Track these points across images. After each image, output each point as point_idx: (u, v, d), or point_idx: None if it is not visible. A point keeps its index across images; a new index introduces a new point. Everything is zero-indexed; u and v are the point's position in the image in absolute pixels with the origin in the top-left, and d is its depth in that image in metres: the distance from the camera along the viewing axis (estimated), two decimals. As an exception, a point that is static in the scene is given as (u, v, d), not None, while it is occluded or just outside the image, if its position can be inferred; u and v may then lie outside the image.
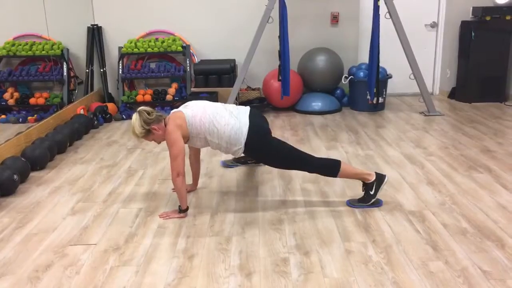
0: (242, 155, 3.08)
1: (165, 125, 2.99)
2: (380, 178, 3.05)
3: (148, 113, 2.95)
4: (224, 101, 5.43)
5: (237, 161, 3.89)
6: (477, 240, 2.60)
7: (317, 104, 5.80)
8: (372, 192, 3.04)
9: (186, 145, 3.06)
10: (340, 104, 6.00)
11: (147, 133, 2.98)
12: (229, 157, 3.89)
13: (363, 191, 3.09)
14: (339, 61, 5.97)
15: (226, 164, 3.89)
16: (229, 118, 2.96)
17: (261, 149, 3.01)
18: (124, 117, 5.79)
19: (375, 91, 5.45)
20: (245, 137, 2.93)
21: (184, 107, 3.05)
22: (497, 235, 2.65)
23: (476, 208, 3.00)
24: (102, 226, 2.92)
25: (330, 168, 3.03)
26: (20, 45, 6.08)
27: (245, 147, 2.95)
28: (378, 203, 3.07)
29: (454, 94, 6.32)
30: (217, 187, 3.53)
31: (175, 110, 3.06)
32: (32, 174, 3.87)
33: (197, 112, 2.97)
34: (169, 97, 6.13)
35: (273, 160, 3.07)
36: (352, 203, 3.10)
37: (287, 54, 5.21)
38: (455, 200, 3.13)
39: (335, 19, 6.22)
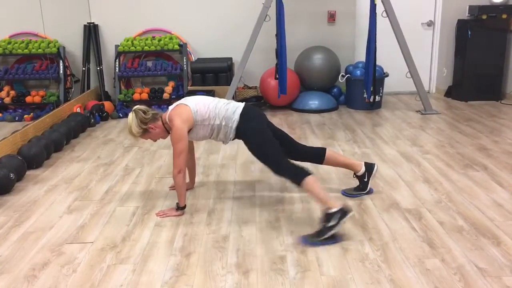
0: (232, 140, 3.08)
1: (163, 123, 2.99)
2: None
3: (144, 112, 2.94)
4: (221, 99, 5.43)
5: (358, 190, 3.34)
6: (473, 238, 2.61)
7: (314, 102, 5.81)
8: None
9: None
10: (337, 103, 6.00)
11: (144, 132, 2.98)
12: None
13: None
14: (336, 60, 5.98)
15: (347, 194, 3.29)
16: (228, 102, 3.05)
17: (254, 124, 2.98)
18: (121, 115, 5.78)
19: (371, 89, 5.46)
20: (241, 110, 2.97)
21: (185, 100, 3.03)
22: (493, 233, 2.66)
23: (472, 206, 3.01)
24: (99, 224, 2.92)
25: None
26: (16, 43, 6.06)
27: (239, 119, 2.93)
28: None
29: (450, 93, 6.34)
30: (214, 185, 3.53)
31: (175, 104, 3.03)
32: (29, 172, 3.86)
33: (198, 100, 3.01)
34: (166, 96, 6.12)
35: (261, 141, 2.94)
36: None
37: (284, 53, 5.22)
38: (451, 198, 3.14)
39: (332, 17, 6.23)
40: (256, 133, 2.96)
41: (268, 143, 2.92)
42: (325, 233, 2.57)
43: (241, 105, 3.03)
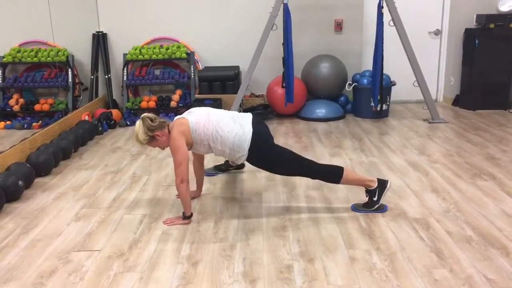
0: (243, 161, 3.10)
1: (169, 132, 3.01)
2: (382, 184, 3.07)
3: (151, 120, 2.96)
4: (228, 108, 5.44)
5: (218, 169, 3.95)
6: (481, 248, 2.59)
7: (321, 111, 5.81)
8: (375, 198, 3.06)
9: (190, 152, 3.08)
10: (344, 111, 6.00)
11: (151, 140, 3.00)
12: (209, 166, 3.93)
13: (366, 197, 3.10)
14: (343, 68, 5.99)
15: (207, 173, 3.83)
16: (232, 125, 2.97)
17: (264, 156, 3.02)
18: (129, 123, 5.81)
19: (379, 98, 5.45)
20: (249, 143, 2.94)
21: (188, 114, 3.06)
22: (502, 243, 2.64)
23: (481, 216, 2.99)
24: (106, 232, 2.93)
25: (333, 174, 3.05)
26: (26, 51, 6.12)
27: (248, 153, 2.97)
28: (382, 208, 3.08)
29: (458, 102, 6.32)
30: (221, 193, 3.53)
31: (179, 116, 3.07)
32: (37, 180, 3.88)
33: (200, 119, 2.99)
34: (173, 104, 6.15)
35: (276, 166, 3.08)
36: (356, 207, 3.13)
37: (291, 61, 5.23)
38: (460, 208, 3.12)
39: (339, 26, 6.24)
40: (275, 163, 3.03)
41: (293, 160, 3.03)
42: (373, 205, 3.06)
43: (248, 132, 2.94)
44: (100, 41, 6.26)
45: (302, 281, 2.33)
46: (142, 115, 2.99)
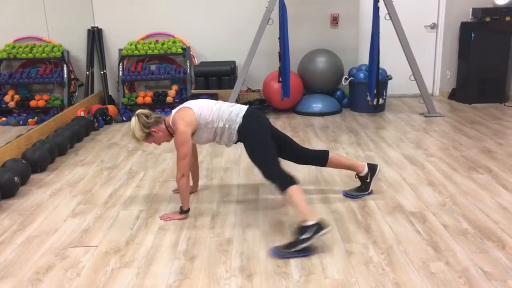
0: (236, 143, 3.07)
1: (166, 126, 3.00)
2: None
3: (147, 116, 2.95)
4: (225, 102, 5.44)
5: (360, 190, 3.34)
6: (477, 241, 2.60)
7: (317, 105, 5.81)
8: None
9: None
10: (340, 106, 6.00)
11: (147, 136, 2.99)
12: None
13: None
14: (339, 63, 5.98)
15: (348, 195, 3.30)
16: (232, 104, 3.05)
17: (256, 126, 2.97)
18: (125, 119, 5.79)
19: (375, 92, 5.45)
20: (244, 112, 2.96)
21: (187, 103, 3.04)
22: (498, 236, 2.65)
23: (477, 209, 3.00)
24: (103, 228, 2.92)
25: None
26: (21, 47, 6.08)
27: (242, 121, 2.93)
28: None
29: (454, 95, 6.33)
30: (217, 188, 3.53)
31: (178, 108, 3.04)
32: (33, 176, 3.87)
33: (202, 104, 3.01)
34: (169, 99, 6.14)
35: (259, 144, 2.92)
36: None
37: (287, 56, 5.22)
38: (456, 201, 3.13)
39: (335, 20, 6.23)
40: (256, 135, 2.95)
41: (266, 146, 2.90)
42: (297, 245, 2.49)
43: (245, 107, 3.03)
44: (95, 36, 6.23)
45: (299, 275, 2.34)
46: (137, 112, 2.97)
